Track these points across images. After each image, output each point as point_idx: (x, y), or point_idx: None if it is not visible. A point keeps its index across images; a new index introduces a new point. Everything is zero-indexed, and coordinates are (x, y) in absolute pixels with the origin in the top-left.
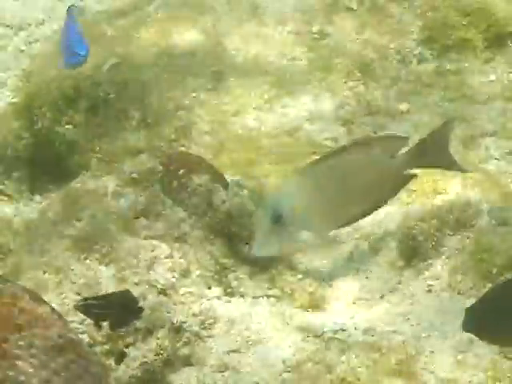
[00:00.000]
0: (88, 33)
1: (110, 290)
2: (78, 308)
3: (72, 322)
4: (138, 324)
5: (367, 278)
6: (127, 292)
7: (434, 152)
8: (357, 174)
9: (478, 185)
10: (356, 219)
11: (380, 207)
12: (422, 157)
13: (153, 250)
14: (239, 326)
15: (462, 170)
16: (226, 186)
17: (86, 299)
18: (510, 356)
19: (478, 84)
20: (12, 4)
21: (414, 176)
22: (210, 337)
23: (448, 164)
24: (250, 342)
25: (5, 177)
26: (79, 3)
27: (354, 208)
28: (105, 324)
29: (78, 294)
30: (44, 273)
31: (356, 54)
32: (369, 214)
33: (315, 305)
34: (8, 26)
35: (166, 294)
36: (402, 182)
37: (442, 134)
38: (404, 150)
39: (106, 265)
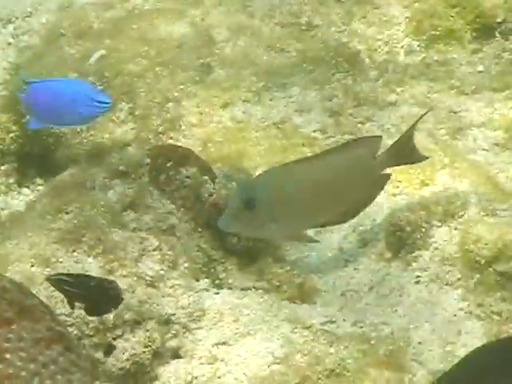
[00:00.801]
0: (75, 25)
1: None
2: (48, 280)
3: (60, 314)
4: (127, 316)
5: (356, 269)
6: (112, 281)
7: (406, 150)
8: (338, 176)
9: (466, 176)
10: (339, 221)
11: (363, 209)
12: (398, 155)
13: (141, 243)
14: (228, 318)
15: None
16: (214, 178)
17: (60, 274)
18: None
19: (466, 75)
20: None
21: (389, 175)
22: (198, 329)
23: (417, 158)
24: (239, 334)
25: None
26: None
27: (333, 210)
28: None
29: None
30: (32, 265)
31: (344, 46)
32: (352, 216)
33: (304, 297)
34: None
35: (154, 287)
36: (382, 182)
37: (410, 133)
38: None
39: (94, 257)
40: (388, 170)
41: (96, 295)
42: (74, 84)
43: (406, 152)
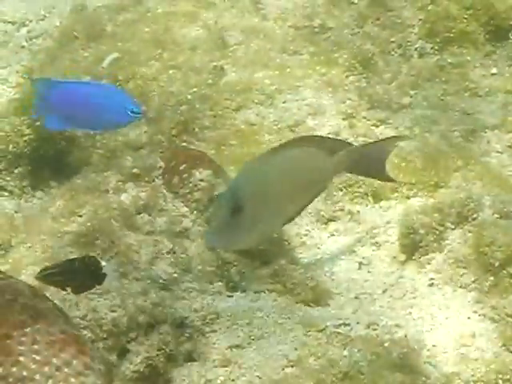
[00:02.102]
0: (89, 28)
1: (110, 284)
2: (39, 279)
3: (74, 317)
4: (140, 319)
5: (369, 272)
6: (91, 257)
7: (361, 160)
8: (296, 170)
9: (480, 178)
10: (291, 218)
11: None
12: (351, 163)
13: (154, 246)
14: (241, 321)
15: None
16: (227, 181)
17: (45, 269)
18: None
19: (480, 77)
20: (13, 0)
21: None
22: (212, 332)
23: (380, 176)
24: (252, 337)
25: (6, 173)
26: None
27: (290, 205)
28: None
29: (76, 293)
30: None
31: (357, 48)
32: (299, 212)
33: (317, 299)
34: (9, 22)
35: (167, 290)
36: (326, 181)
37: (382, 147)
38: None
39: (108, 260)
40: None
41: (80, 276)
42: (107, 89)
43: (360, 163)
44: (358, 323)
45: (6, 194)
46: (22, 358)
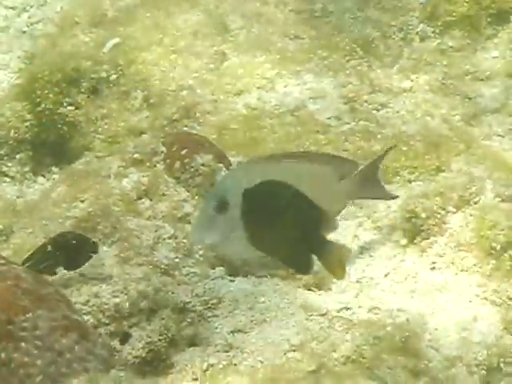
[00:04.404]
0: (90, 13)
1: (112, 270)
2: (30, 268)
3: (76, 303)
4: (142, 304)
5: (371, 256)
6: (65, 233)
7: (371, 181)
8: (300, 184)
9: (481, 162)
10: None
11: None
12: (362, 186)
13: (156, 231)
14: (243, 305)
15: (393, 197)
16: (229, 165)
17: (29, 258)
18: None
19: (481, 61)
20: None
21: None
22: (214, 317)
23: (384, 195)
24: (254, 322)
25: (8, 159)
26: None
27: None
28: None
29: (82, 275)
30: None
31: (358, 32)
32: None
33: (319, 284)
34: (10, 7)
35: (169, 275)
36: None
37: (374, 166)
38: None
39: (109, 245)
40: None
41: (70, 252)
42: None
43: (370, 183)
44: (360, 307)
45: (8, 179)
46: (23, 344)
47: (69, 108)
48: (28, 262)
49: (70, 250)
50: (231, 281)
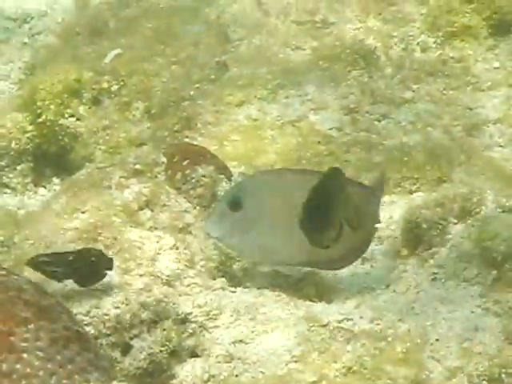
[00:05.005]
0: (91, 24)
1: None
2: (29, 264)
3: (77, 314)
4: (143, 315)
5: (372, 266)
6: (91, 249)
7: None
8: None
9: (482, 172)
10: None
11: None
12: None
13: (157, 242)
14: (244, 316)
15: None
16: (230, 176)
17: (37, 256)
18: None
19: (482, 71)
20: None
21: None
22: (215, 327)
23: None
24: (256, 333)
25: (9, 170)
26: None
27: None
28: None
29: (83, 286)
30: None
31: (359, 43)
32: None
33: (320, 294)
34: (11, 18)
35: (170, 285)
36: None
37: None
38: None
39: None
40: None
41: (85, 268)
42: None
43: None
44: (361, 318)
45: (9, 190)
46: (25, 355)
47: (70, 119)
48: (41, 258)
49: (88, 267)
50: (232, 292)
